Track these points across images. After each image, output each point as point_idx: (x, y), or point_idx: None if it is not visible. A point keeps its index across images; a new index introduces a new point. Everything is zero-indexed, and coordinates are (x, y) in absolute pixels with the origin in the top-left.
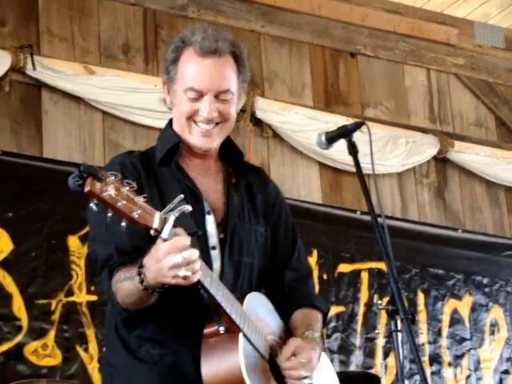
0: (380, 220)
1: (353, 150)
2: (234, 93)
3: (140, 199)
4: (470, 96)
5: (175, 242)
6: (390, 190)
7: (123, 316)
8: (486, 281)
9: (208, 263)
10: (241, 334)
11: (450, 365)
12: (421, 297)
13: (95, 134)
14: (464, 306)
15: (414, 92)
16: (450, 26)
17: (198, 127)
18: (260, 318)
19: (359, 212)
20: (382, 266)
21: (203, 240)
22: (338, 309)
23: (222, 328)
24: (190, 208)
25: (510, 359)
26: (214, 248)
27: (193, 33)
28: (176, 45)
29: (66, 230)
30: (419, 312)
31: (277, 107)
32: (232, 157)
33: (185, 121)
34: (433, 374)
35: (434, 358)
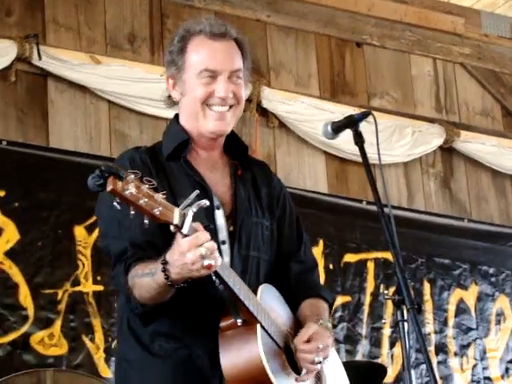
0: (386, 210)
1: (359, 139)
2: (243, 76)
3: (159, 196)
4: (476, 85)
5: (197, 237)
6: (396, 180)
7: (140, 310)
8: (492, 270)
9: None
10: (258, 325)
11: (456, 354)
12: (427, 286)
13: (101, 123)
14: (470, 295)
15: (420, 82)
16: (457, 15)
17: (212, 111)
18: (273, 309)
19: (365, 202)
20: (388, 255)
21: (213, 235)
22: (344, 299)
23: (239, 320)
24: (207, 203)
25: None
26: (223, 242)
27: (197, 23)
28: (181, 35)
29: (72, 220)
30: (425, 302)
31: (283, 97)
32: (237, 150)
33: (199, 106)
34: (439, 363)
35: (440, 348)
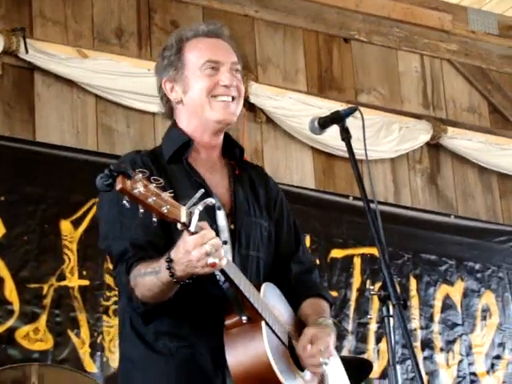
0: (372, 205)
1: (346, 135)
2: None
3: (167, 194)
4: (463, 82)
5: (203, 235)
6: (383, 176)
7: (142, 309)
8: (477, 266)
9: None
10: (263, 322)
11: (441, 350)
12: (413, 282)
13: (88, 117)
14: (456, 291)
15: (408, 78)
16: (444, 11)
17: (218, 101)
18: (275, 307)
19: (352, 197)
20: (374, 251)
21: (216, 235)
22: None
23: (244, 317)
24: (213, 201)
25: (501, 344)
26: (225, 242)
27: (190, 28)
28: (176, 40)
29: (58, 214)
30: (411, 297)
31: (270, 92)
32: (233, 152)
33: (205, 97)
34: (425, 359)
35: (426, 344)
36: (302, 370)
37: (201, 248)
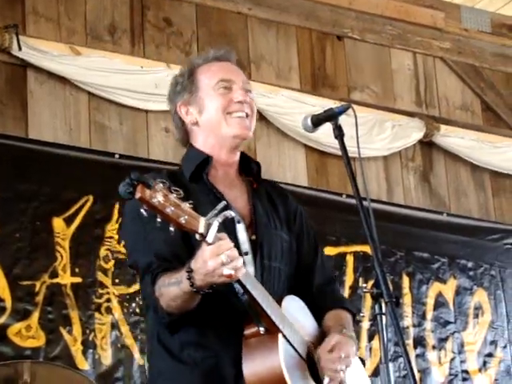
0: (365, 203)
1: (339, 133)
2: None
3: (186, 205)
4: (456, 80)
5: (220, 245)
6: (376, 174)
7: (167, 319)
8: (470, 264)
9: None
10: (280, 335)
11: (434, 348)
12: (406, 280)
13: (81, 115)
14: (448, 289)
15: (401, 75)
16: (437, 9)
17: (233, 118)
18: (296, 319)
19: (345, 195)
20: (367, 249)
21: (236, 247)
22: None
23: (262, 328)
24: (232, 214)
25: (493, 342)
26: (246, 253)
27: (199, 56)
28: (188, 66)
29: (50, 212)
30: (404, 295)
31: (263, 90)
32: (249, 169)
33: (220, 115)
34: (417, 356)
35: (419, 341)
36: (318, 382)
37: (217, 258)
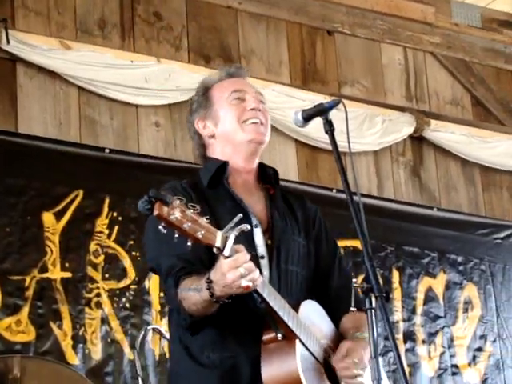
0: (356, 198)
1: (329, 128)
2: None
3: (203, 220)
4: (446, 75)
5: (238, 258)
6: (366, 169)
7: (188, 321)
8: (460, 259)
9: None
10: (297, 340)
11: (423, 342)
12: (396, 275)
13: (71, 109)
14: (438, 283)
15: (391, 70)
16: (427, 4)
17: (248, 125)
18: (314, 323)
19: (335, 190)
20: (357, 243)
21: (253, 251)
22: None
23: (279, 335)
24: (248, 227)
25: (483, 337)
26: (262, 257)
27: (213, 75)
28: (202, 85)
29: (40, 206)
30: (394, 290)
31: (254, 84)
32: (267, 176)
33: (236, 124)
34: (407, 351)
35: (408, 336)
36: None
37: (235, 271)
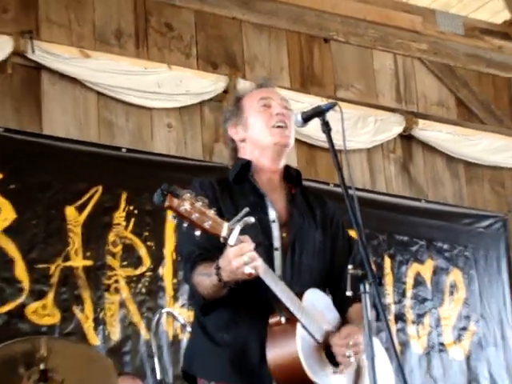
0: (350, 191)
1: (326, 128)
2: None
3: (211, 212)
4: (432, 78)
5: (241, 247)
6: (360, 165)
7: (202, 302)
8: (446, 246)
9: (271, 262)
10: (299, 324)
11: (413, 322)
12: (387, 261)
13: (90, 112)
14: (426, 269)
15: (382, 75)
16: (415, 14)
17: (275, 129)
18: (317, 310)
19: (332, 184)
20: (352, 233)
21: (268, 243)
22: None
23: (283, 318)
24: (252, 220)
25: (467, 317)
26: (276, 249)
27: (244, 88)
28: (235, 98)
29: (63, 201)
30: (386, 275)
31: None
32: (291, 177)
33: (264, 128)
34: (398, 331)
35: (399, 317)
36: (336, 365)
37: (239, 258)
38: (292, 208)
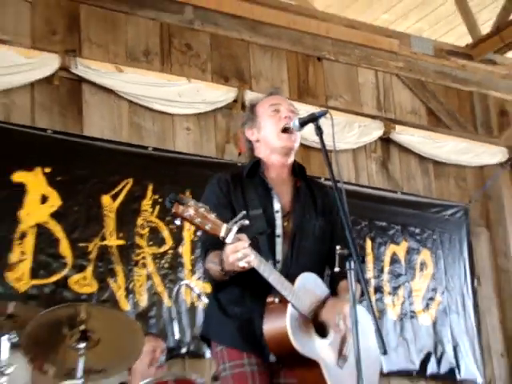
0: (339, 185)
1: (319, 131)
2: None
3: (212, 216)
4: (407, 91)
5: (236, 245)
6: (347, 162)
7: (213, 283)
8: (417, 230)
9: (273, 247)
10: (289, 304)
11: (389, 294)
12: (368, 243)
13: (122, 117)
14: (401, 249)
15: (365, 88)
16: (393, 37)
17: (283, 134)
18: (308, 290)
19: (323, 179)
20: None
21: (272, 231)
22: None
23: (276, 299)
24: (247, 222)
25: (434, 289)
26: (278, 236)
27: (257, 96)
28: (251, 104)
29: (100, 191)
30: (367, 255)
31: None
32: (298, 172)
33: (274, 132)
34: (377, 300)
35: (378, 289)
36: (324, 336)
37: (234, 255)
38: (296, 199)
